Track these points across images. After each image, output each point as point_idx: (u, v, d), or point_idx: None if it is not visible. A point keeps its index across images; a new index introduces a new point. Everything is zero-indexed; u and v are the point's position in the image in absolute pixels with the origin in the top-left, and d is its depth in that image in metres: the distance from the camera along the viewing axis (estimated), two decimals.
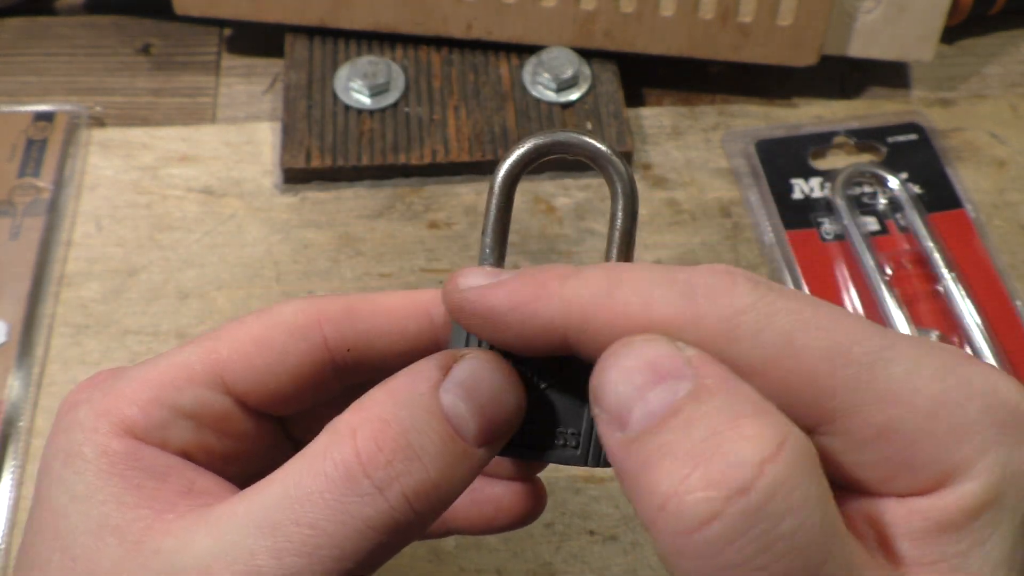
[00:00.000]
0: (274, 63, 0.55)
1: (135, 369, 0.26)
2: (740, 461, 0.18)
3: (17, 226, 0.47)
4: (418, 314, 0.26)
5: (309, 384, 0.26)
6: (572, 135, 0.27)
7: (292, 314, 0.26)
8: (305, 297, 0.26)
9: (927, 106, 0.55)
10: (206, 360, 0.25)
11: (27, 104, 0.52)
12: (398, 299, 0.26)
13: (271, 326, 0.26)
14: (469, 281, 0.23)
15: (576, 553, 0.39)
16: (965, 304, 0.45)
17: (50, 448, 0.25)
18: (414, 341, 0.26)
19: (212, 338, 0.26)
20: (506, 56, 0.54)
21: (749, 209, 0.50)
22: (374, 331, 0.26)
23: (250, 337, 0.25)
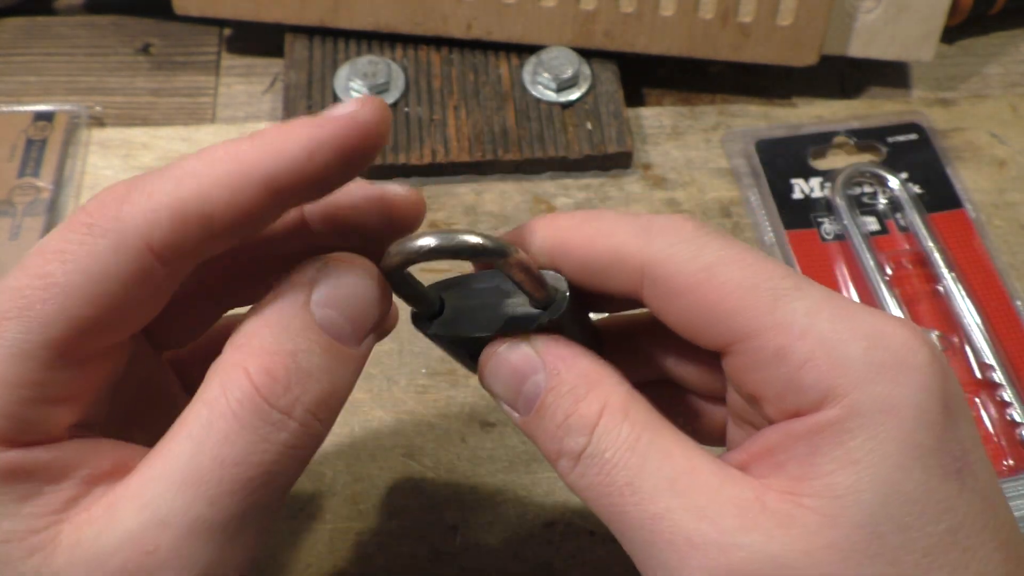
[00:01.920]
0: (274, 63, 0.55)
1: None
2: (581, 431, 0.25)
3: (17, 226, 0.47)
4: (251, 191, 0.23)
5: (150, 302, 0.24)
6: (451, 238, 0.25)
7: (113, 256, 0.22)
8: (113, 213, 0.23)
9: (927, 106, 0.55)
10: (37, 336, 0.22)
11: (27, 104, 0.52)
12: (225, 178, 0.23)
13: (94, 279, 0.22)
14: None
15: (576, 553, 0.39)
16: (965, 304, 0.45)
17: None
18: (253, 219, 0.24)
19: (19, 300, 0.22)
20: (506, 56, 0.54)
21: (749, 209, 0.50)
22: (211, 234, 0.23)
23: (74, 293, 0.22)
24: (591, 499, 0.25)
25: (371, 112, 0.24)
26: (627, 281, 0.27)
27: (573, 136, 0.51)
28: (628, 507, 0.24)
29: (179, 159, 0.24)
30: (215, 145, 0.23)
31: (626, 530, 0.24)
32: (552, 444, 0.26)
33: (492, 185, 0.51)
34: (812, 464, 0.23)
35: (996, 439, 0.42)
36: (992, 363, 0.44)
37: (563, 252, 0.27)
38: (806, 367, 0.24)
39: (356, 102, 0.24)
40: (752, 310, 0.24)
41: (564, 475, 0.26)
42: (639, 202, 0.50)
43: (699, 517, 0.23)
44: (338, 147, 0.23)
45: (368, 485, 0.41)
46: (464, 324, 0.28)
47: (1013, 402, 0.42)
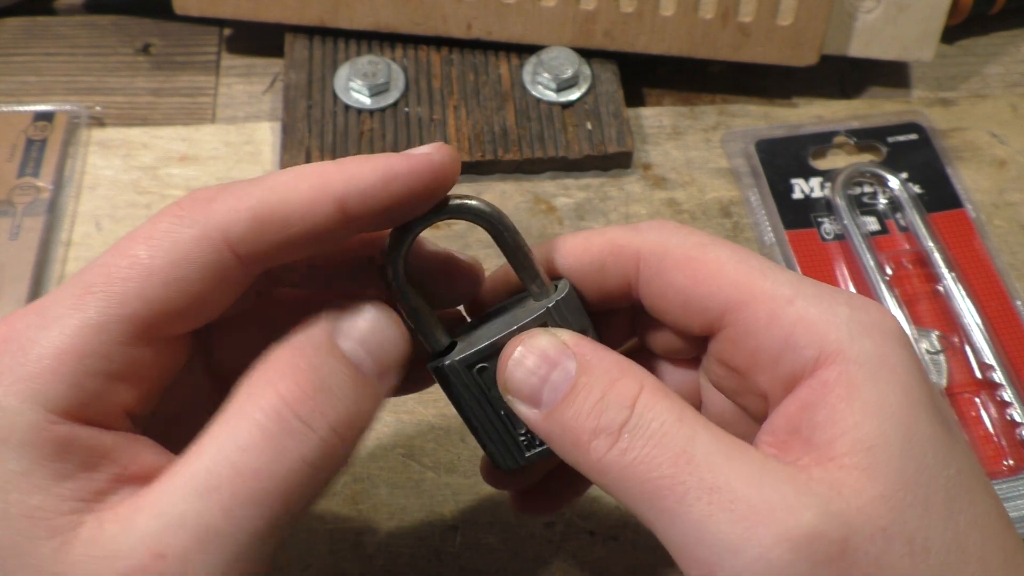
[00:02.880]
0: (274, 63, 0.55)
1: (42, 333, 0.24)
2: (623, 404, 0.25)
3: (17, 226, 0.47)
4: (327, 207, 0.25)
5: (223, 296, 0.25)
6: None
7: (195, 245, 0.24)
8: (202, 209, 0.25)
9: (927, 106, 0.55)
10: (116, 310, 0.24)
11: (27, 104, 0.52)
12: (306, 192, 0.25)
13: (175, 263, 0.24)
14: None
15: (576, 553, 0.39)
16: (965, 304, 0.45)
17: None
18: (325, 233, 0.26)
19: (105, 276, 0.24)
20: (506, 56, 0.54)
21: (749, 209, 0.50)
22: (286, 240, 0.25)
23: (156, 275, 0.24)
24: (633, 476, 0.25)
25: (445, 156, 0.26)
26: (623, 270, 0.29)
27: (573, 136, 0.51)
28: (683, 476, 0.24)
29: (274, 172, 0.26)
30: (308, 164, 0.26)
31: (679, 506, 0.24)
32: (586, 424, 0.25)
33: (492, 185, 0.51)
34: (836, 423, 0.24)
35: (996, 439, 0.42)
36: (992, 363, 0.44)
37: (561, 254, 0.30)
38: (799, 327, 0.26)
39: (433, 146, 0.26)
40: (745, 279, 0.27)
41: (599, 456, 0.25)
42: (639, 202, 0.50)
43: (759, 485, 0.23)
44: (411, 181, 0.26)
45: (368, 485, 0.41)
46: (478, 343, 0.28)
47: (1013, 402, 0.42)
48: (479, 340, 0.28)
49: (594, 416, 0.26)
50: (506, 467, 0.30)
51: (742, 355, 0.27)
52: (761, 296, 0.26)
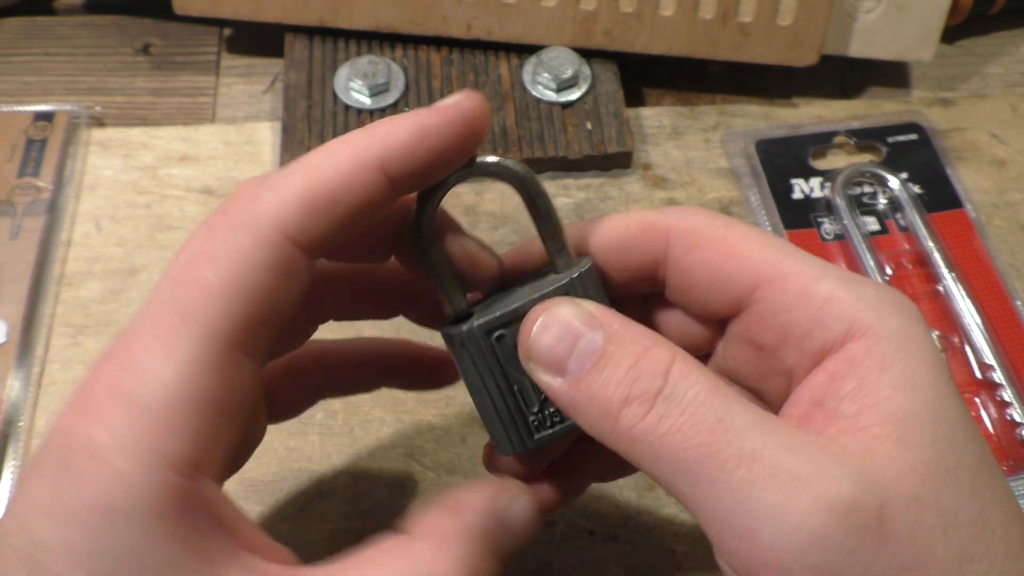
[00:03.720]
0: (274, 63, 0.55)
1: (144, 387, 0.22)
2: (654, 372, 0.25)
3: (17, 226, 0.47)
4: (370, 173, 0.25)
5: (297, 289, 0.25)
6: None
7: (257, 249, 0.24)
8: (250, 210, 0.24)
9: (927, 106, 0.55)
10: (208, 343, 0.23)
11: (27, 104, 0.52)
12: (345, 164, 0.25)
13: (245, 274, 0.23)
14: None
15: (576, 553, 0.39)
16: (965, 304, 0.45)
17: (73, 499, 0.21)
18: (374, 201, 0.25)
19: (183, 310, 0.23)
20: (506, 56, 0.54)
21: (749, 209, 0.50)
22: (339, 217, 0.25)
23: (231, 293, 0.23)
24: (670, 444, 0.24)
25: (475, 103, 0.26)
26: (651, 247, 0.29)
27: (573, 136, 0.51)
28: (722, 444, 0.23)
29: (306, 155, 0.25)
30: (334, 139, 0.25)
31: (718, 473, 0.23)
32: (617, 392, 0.25)
33: (492, 185, 0.51)
34: (866, 395, 0.24)
35: (996, 439, 0.42)
36: (992, 363, 0.44)
37: (590, 231, 0.30)
38: (829, 303, 0.26)
39: (461, 94, 0.26)
40: (775, 258, 0.27)
41: (631, 424, 0.25)
42: (639, 202, 0.50)
43: (797, 454, 0.23)
44: (446, 132, 0.25)
45: (368, 485, 0.41)
46: (498, 309, 0.28)
47: (1013, 402, 0.42)
48: (500, 307, 0.28)
49: (626, 384, 0.25)
50: (512, 450, 0.29)
51: (771, 332, 0.27)
52: (791, 273, 0.27)
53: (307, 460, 0.41)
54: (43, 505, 0.22)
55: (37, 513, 0.22)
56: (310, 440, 0.42)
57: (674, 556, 0.39)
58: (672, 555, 0.39)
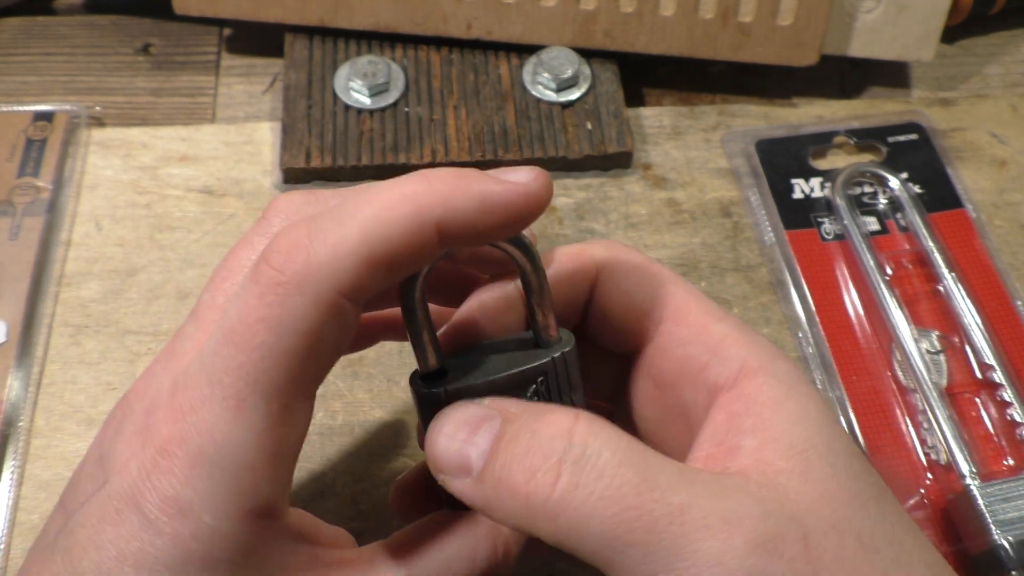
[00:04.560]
0: (274, 63, 0.55)
1: (226, 448, 0.23)
2: (556, 434, 0.24)
3: (17, 226, 0.47)
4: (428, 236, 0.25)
5: (348, 337, 0.25)
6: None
7: (314, 310, 0.24)
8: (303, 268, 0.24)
9: (927, 106, 0.55)
10: (274, 406, 0.24)
11: (27, 104, 0.52)
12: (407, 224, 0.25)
13: (304, 335, 0.24)
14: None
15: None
16: (965, 304, 0.45)
17: (167, 555, 0.23)
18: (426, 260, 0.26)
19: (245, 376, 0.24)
20: (506, 56, 0.54)
21: (749, 209, 0.50)
22: (394, 276, 0.25)
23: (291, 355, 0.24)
24: (595, 513, 0.23)
25: (543, 187, 0.26)
26: (584, 276, 0.29)
27: (573, 136, 0.51)
28: (650, 505, 0.23)
29: (354, 198, 0.25)
30: (386, 186, 0.25)
31: (650, 536, 0.23)
32: (521, 467, 0.24)
33: None
34: (765, 430, 0.25)
35: (996, 439, 0.42)
36: (992, 363, 0.44)
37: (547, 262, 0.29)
38: (725, 341, 0.27)
39: (530, 173, 0.26)
40: (683, 295, 0.29)
41: (544, 498, 0.24)
42: (639, 202, 0.50)
43: (722, 498, 0.23)
44: (508, 211, 0.25)
45: (368, 485, 0.40)
46: (474, 378, 0.27)
47: (1013, 402, 0.42)
48: (475, 375, 0.27)
49: (529, 456, 0.24)
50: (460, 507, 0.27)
51: (670, 364, 0.28)
52: (695, 310, 0.28)
53: (307, 460, 0.41)
54: (127, 556, 0.23)
55: (122, 563, 0.23)
56: (310, 440, 0.42)
57: None
58: None
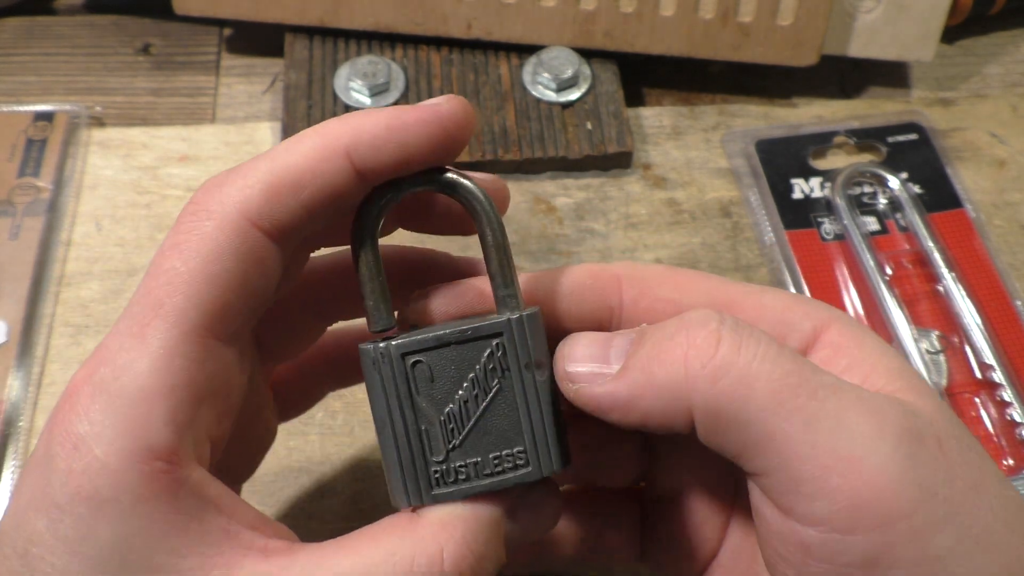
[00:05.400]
0: (274, 63, 0.55)
1: (121, 381, 0.23)
2: (705, 319, 0.25)
3: (17, 226, 0.47)
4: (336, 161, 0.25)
5: (267, 277, 0.25)
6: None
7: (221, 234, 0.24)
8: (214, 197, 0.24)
9: (927, 106, 0.55)
10: (176, 330, 0.23)
11: (27, 104, 0.52)
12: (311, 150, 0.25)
13: (210, 260, 0.23)
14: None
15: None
16: (965, 304, 0.45)
17: (59, 492, 0.22)
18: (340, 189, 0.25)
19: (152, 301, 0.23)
20: (506, 56, 0.54)
21: (749, 209, 0.50)
22: (304, 204, 0.25)
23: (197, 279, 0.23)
24: (759, 375, 0.23)
25: (455, 106, 0.25)
26: (603, 292, 0.28)
27: (573, 136, 0.51)
28: (808, 374, 0.24)
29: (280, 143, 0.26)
30: (311, 127, 0.25)
31: (811, 402, 0.23)
32: (678, 339, 0.24)
33: None
34: (862, 364, 0.26)
35: (996, 439, 0.42)
36: (992, 363, 0.44)
37: (542, 281, 0.28)
38: (788, 310, 0.27)
39: (444, 97, 0.26)
40: (720, 286, 0.28)
41: (703, 364, 0.24)
42: (639, 202, 0.50)
43: (864, 392, 0.24)
44: (418, 130, 0.25)
45: (368, 485, 0.41)
46: (419, 334, 0.26)
47: (1013, 402, 0.42)
48: (422, 332, 0.26)
49: (682, 331, 0.24)
50: (405, 501, 0.26)
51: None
52: (737, 291, 0.27)
53: (307, 460, 0.41)
54: (33, 500, 0.22)
55: (28, 508, 0.22)
56: (310, 440, 0.42)
57: None
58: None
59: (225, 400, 0.25)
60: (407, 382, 0.25)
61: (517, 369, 0.25)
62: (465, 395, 0.25)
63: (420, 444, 0.25)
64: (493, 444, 0.26)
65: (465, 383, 0.25)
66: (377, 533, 0.25)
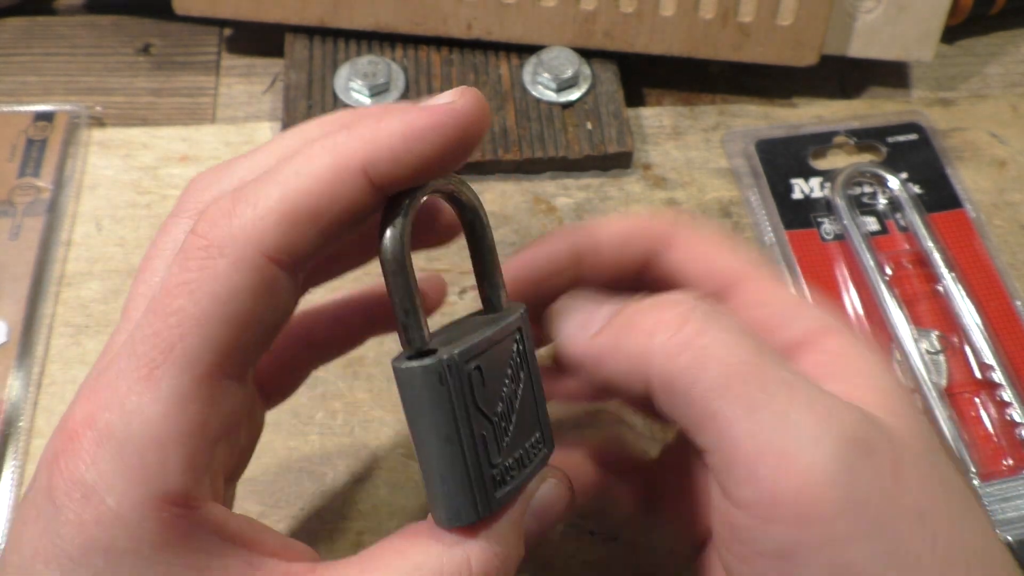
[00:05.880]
0: (274, 63, 0.55)
1: (130, 427, 0.21)
2: (681, 299, 0.26)
3: (17, 226, 0.47)
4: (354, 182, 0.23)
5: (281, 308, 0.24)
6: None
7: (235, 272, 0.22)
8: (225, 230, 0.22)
9: (927, 106, 0.55)
10: (190, 374, 0.22)
11: (27, 104, 0.52)
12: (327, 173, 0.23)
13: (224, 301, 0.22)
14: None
15: (576, 553, 0.39)
16: (965, 304, 0.45)
17: (70, 544, 0.21)
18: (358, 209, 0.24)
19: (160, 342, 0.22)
20: (506, 56, 0.54)
21: (749, 209, 0.50)
22: (322, 231, 0.23)
23: (210, 320, 0.22)
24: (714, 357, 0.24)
25: (469, 102, 0.24)
26: (646, 244, 0.30)
27: (573, 136, 0.51)
28: (764, 368, 0.24)
29: (280, 160, 0.23)
30: (313, 141, 0.24)
31: (761, 394, 0.24)
32: (651, 314, 0.26)
33: (492, 185, 0.51)
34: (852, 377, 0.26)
35: (996, 439, 0.42)
36: (992, 363, 0.44)
37: (584, 230, 0.30)
38: (799, 305, 0.28)
39: (455, 92, 0.24)
40: (750, 259, 0.29)
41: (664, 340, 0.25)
42: (639, 202, 0.50)
43: (823, 393, 0.25)
44: (436, 136, 0.23)
45: (368, 485, 0.41)
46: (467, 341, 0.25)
47: (1013, 402, 0.42)
48: (468, 338, 0.24)
49: (656, 308, 0.26)
50: (475, 516, 0.24)
51: (749, 323, 0.27)
52: (754, 279, 0.29)
53: (307, 460, 0.41)
54: (40, 551, 0.21)
55: (35, 561, 0.21)
56: (310, 440, 0.42)
57: (674, 556, 0.39)
58: (672, 555, 0.39)
59: (238, 432, 0.24)
60: (471, 390, 0.24)
61: (532, 358, 0.27)
62: (508, 391, 0.25)
63: (484, 452, 0.24)
64: (524, 434, 0.26)
65: (506, 379, 0.25)
66: (400, 546, 0.24)
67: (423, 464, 0.24)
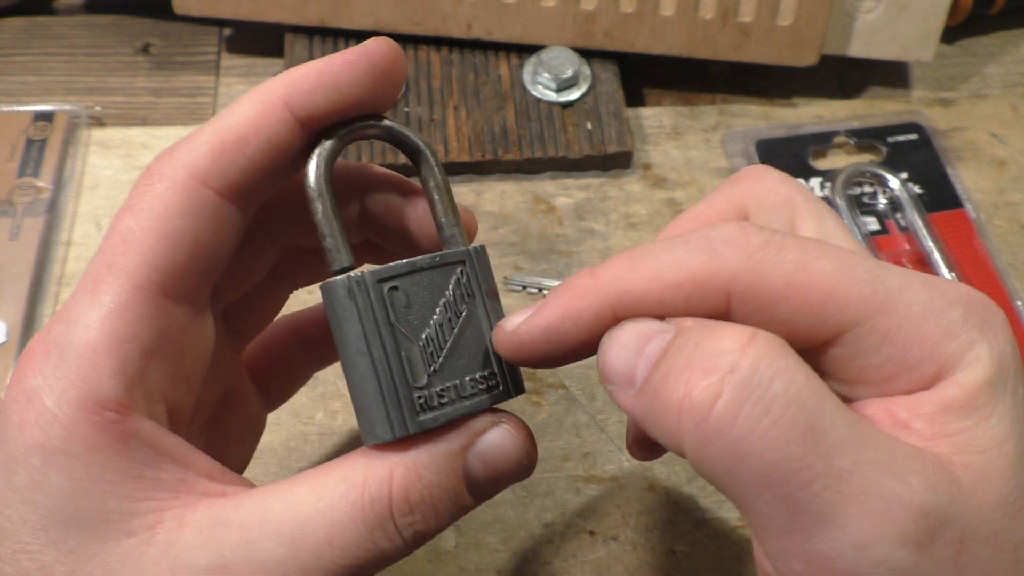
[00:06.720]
0: (274, 63, 0.55)
1: (72, 335, 0.23)
2: (723, 351, 0.22)
3: (17, 226, 0.47)
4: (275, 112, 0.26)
5: (222, 239, 0.25)
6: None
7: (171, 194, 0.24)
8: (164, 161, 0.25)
9: (927, 106, 0.55)
10: (128, 285, 0.24)
11: (27, 104, 0.52)
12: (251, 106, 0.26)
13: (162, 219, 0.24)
14: (512, 322, 0.25)
15: (576, 553, 0.39)
16: None
17: (13, 444, 0.23)
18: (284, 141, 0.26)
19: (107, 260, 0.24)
20: (506, 56, 0.54)
21: None
22: (252, 159, 0.25)
23: (149, 237, 0.24)
24: (750, 452, 0.21)
25: (382, 48, 0.26)
26: (713, 306, 0.24)
27: (573, 136, 0.51)
28: (811, 460, 0.21)
29: None
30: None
31: (802, 493, 0.21)
32: (678, 383, 0.22)
33: (492, 185, 0.51)
34: (982, 434, 0.23)
35: None
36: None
37: (633, 299, 0.24)
38: (917, 345, 0.23)
39: (373, 40, 0.26)
40: (855, 296, 0.23)
41: (696, 422, 0.21)
42: (639, 202, 0.50)
43: (889, 473, 0.21)
44: (349, 71, 0.26)
45: None
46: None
47: None
48: (394, 264, 0.26)
49: (688, 369, 0.22)
50: (390, 434, 0.24)
51: (852, 371, 0.24)
52: (873, 313, 0.23)
53: (307, 460, 0.41)
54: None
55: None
56: (310, 440, 0.42)
57: (674, 556, 0.39)
58: (672, 555, 0.39)
59: (178, 361, 0.25)
60: (385, 309, 0.25)
61: (480, 296, 0.27)
62: (440, 319, 0.26)
63: (402, 371, 0.25)
64: (467, 367, 0.26)
65: (438, 308, 0.26)
66: (333, 464, 0.25)
67: (348, 384, 0.25)
